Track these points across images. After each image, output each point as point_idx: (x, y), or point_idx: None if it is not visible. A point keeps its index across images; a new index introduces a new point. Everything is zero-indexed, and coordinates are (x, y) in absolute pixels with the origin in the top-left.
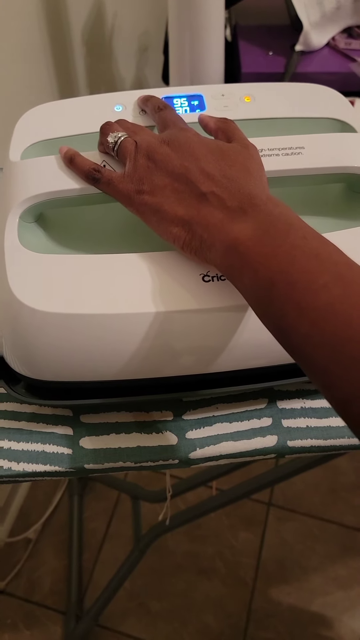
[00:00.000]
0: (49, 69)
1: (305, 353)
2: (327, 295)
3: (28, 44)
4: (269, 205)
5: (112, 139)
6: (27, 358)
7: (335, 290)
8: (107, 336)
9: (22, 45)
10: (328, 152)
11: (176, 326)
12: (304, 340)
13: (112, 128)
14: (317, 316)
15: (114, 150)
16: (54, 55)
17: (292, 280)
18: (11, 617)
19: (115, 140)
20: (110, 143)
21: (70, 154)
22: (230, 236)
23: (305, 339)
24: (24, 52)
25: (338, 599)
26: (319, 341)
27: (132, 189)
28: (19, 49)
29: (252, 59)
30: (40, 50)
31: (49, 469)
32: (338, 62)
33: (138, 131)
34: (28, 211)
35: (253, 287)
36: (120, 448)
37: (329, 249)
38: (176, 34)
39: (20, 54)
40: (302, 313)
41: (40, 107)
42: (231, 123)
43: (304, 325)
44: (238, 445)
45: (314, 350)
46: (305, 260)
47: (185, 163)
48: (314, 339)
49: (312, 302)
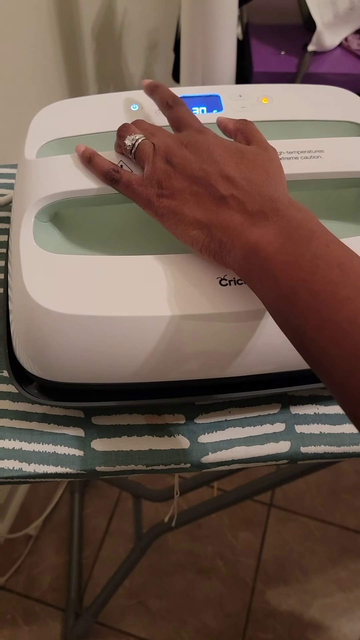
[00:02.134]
0: (59, 66)
1: (323, 365)
2: (349, 308)
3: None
4: (291, 209)
5: (129, 141)
6: (40, 358)
7: (357, 304)
8: (121, 338)
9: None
10: (347, 156)
11: (191, 330)
12: (323, 352)
13: (130, 130)
14: (338, 330)
15: (131, 152)
16: (63, 51)
17: (314, 291)
18: (11, 613)
19: (132, 142)
20: (128, 146)
21: (88, 153)
22: (250, 241)
23: (324, 350)
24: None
25: (338, 600)
26: (337, 354)
27: (151, 192)
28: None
29: (264, 58)
30: (50, 46)
31: (60, 470)
32: (351, 63)
33: (156, 132)
34: (44, 210)
35: (273, 295)
36: (132, 451)
37: (353, 259)
38: (188, 31)
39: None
40: (322, 325)
41: (55, 105)
42: (250, 125)
43: (324, 338)
44: (251, 450)
45: (332, 363)
46: (328, 271)
47: (204, 166)
48: (333, 351)
49: (334, 315)
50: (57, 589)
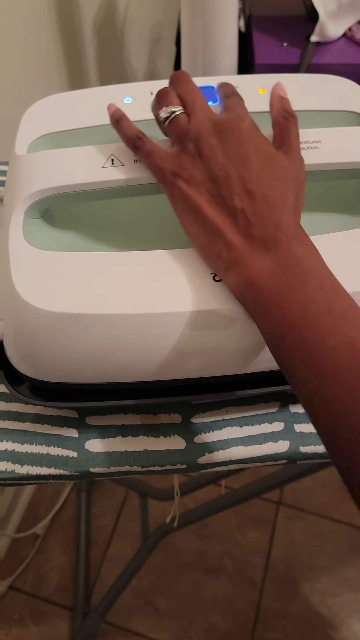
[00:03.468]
0: (60, 61)
1: (311, 409)
2: (335, 359)
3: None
4: (292, 243)
5: (164, 113)
6: (31, 358)
7: (343, 355)
8: (114, 337)
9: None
10: (346, 147)
11: (185, 327)
12: (310, 397)
13: (168, 100)
14: (323, 381)
15: (164, 123)
16: (64, 47)
17: (302, 336)
18: (18, 613)
19: (167, 115)
20: (162, 117)
21: (118, 114)
22: (249, 271)
23: (311, 396)
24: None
25: (347, 600)
26: (322, 404)
27: (169, 168)
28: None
29: (266, 50)
30: (50, 42)
31: (53, 472)
32: (355, 53)
33: (196, 104)
34: (34, 206)
35: (265, 329)
36: (127, 452)
37: (343, 305)
38: (189, 24)
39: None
40: (309, 372)
41: (46, 99)
42: (291, 125)
43: (311, 384)
44: (249, 450)
45: (318, 410)
46: (317, 316)
47: (227, 166)
48: (318, 400)
49: (320, 364)
50: (64, 588)
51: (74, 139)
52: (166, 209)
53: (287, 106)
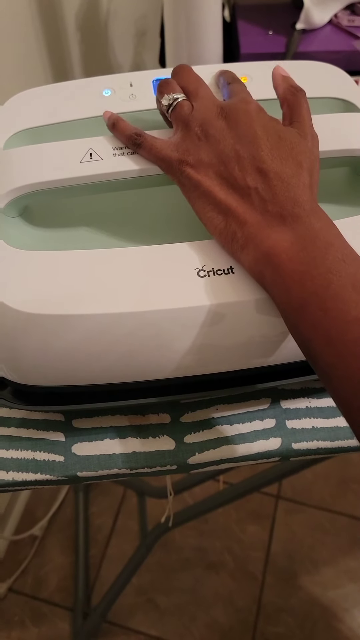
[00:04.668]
0: (42, 56)
1: (330, 380)
2: (357, 330)
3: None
4: (311, 217)
5: (166, 101)
6: (12, 362)
7: None
8: (97, 338)
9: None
10: (332, 134)
11: (170, 325)
12: (330, 368)
13: (169, 88)
14: (345, 350)
15: (167, 112)
16: (47, 41)
17: (324, 307)
18: (19, 615)
19: (170, 102)
20: (164, 105)
21: (114, 118)
22: (265, 244)
23: (331, 367)
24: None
25: (349, 591)
26: (343, 374)
27: (175, 157)
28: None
29: (251, 39)
30: (32, 36)
31: (39, 477)
32: (341, 40)
33: (199, 92)
34: (11, 204)
35: (283, 303)
36: (114, 454)
37: None
38: (171, 14)
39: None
40: (329, 343)
41: (23, 94)
42: (301, 99)
43: (331, 355)
44: (239, 449)
45: (338, 381)
46: (340, 288)
47: (237, 146)
48: (339, 371)
49: (342, 334)
50: (64, 589)
51: (52, 133)
52: (147, 203)
53: (292, 82)
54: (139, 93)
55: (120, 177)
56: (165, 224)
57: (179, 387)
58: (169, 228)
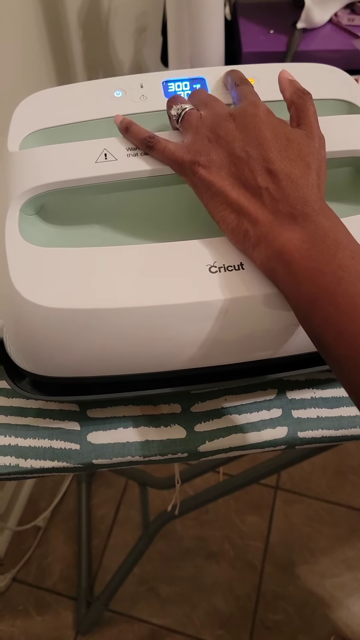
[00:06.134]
0: (46, 54)
1: (342, 372)
2: None
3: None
4: (320, 216)
5: (175, 111)
6: (31, 354)
7: None
8: (112, 331)
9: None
10: (336, 135)
11: (183, 319)
12: (341, 361)
13: (177, 100)
14: (355, 342)
15: (178, 122)
16: (50, 39)
17: (335, 302)
18: (23, 604)
19: (178, 112)
20: (174, 115)
21: (126, 122)
22: (277, 242)
23: (343, 359)
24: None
25: (347, 580)
26: (354, 365)
27: (187, 158)
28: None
29: (252, 38)
30: (35, 34)
31: (56, 465)
32: (341, 39)
33: (209, 103)
34: (29, 203)
35: (295, 298)
36: (128, 442)
37: None
38: (174, 13)
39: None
40: (341, 335)
41: (37, 95)
42: (307, 101)
43: (342, 347)
44: (248, 437)
45: (350, 372)
46: (351, 283)
47: (247, 148)
48: (350, 362)
49: (352, 327)
50: (67, 578)
51: (66, 134)
52: (160, 202)
53: (298, 85)
54: (149, 94)
55: (134, 177)
56: (177, 221)
57: (190, 378)
58: (181, 226)
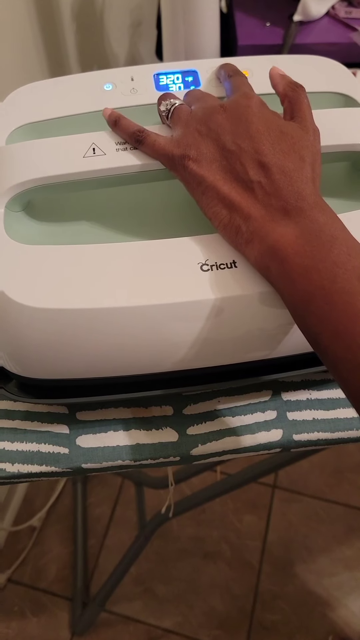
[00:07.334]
0: (38, 47)
1: (339, 373)
2: None
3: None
4: (314, 211)
5: (164, 107)
6: (17, 356)
7: None
8: (101, 332)
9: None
10: (332, 129)
11: (174, 319)
12: (339, 361)
13: (167, 97)
14: (353, 342)
15: (167, 118)
16: (42, 32)
17: (331, 300)
18: (18, 605)
19: (167, 108)
20: (163, 111)
21: (115, 116)
22: (270, 238)
23: (339, 360)
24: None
25: (344, 579)
26: (352, 366)
27: (177, 152)
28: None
29: (248, 31)
30: (28, 28)
31: (45, 469)
32: (338, 32)
33: (201, 98)
34: (15, 200)
35: (289, 296)
36: (118, 446)
37: None
38: (169, 6)
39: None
40: (337, 335)
41: (24, 88)
42: (301, 94)
43: (339, 348)
44: (241, 440)
45: (348, 373)
46: (346, 281)
47: (238, 140)
48: (348, 363)
49: (349, 327)
50: (63, 579)
51: (54, 128)
52: (150, 198)
53: (291, 79)
54: (140, 87)
55: (123, 172)
56: (168, 218)
57: (182, 379)
58: (172, 222)
